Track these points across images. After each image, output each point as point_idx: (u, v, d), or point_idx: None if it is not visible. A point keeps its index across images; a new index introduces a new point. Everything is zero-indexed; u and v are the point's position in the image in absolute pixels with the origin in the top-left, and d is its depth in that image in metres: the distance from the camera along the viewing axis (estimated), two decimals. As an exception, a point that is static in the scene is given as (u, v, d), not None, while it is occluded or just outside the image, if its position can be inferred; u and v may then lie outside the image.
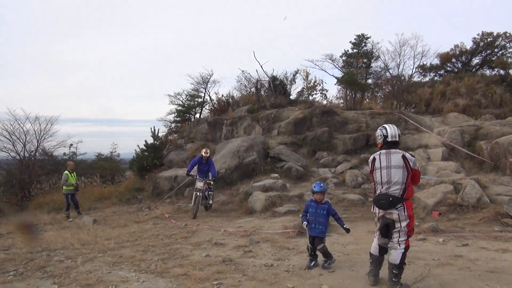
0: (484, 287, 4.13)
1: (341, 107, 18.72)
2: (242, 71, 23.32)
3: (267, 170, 12.81)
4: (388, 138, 4.32)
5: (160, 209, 11.38)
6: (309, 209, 5.16)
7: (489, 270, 4.70)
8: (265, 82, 21.48)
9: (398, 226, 4.09)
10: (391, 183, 4.13)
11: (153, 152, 17.17)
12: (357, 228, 7.68)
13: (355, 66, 21.78)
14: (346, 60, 22.53)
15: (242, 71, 23.19)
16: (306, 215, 5.18)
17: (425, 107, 17.55)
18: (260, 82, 21.25)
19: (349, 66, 22.15)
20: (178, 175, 13.91)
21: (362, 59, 21.66)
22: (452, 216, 7.74)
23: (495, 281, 4.31)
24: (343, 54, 22.59)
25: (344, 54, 22.55)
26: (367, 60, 21.97)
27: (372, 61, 22.23)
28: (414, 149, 12.95)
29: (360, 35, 22.32)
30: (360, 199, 9.96)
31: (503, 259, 5.17)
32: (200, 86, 22.83)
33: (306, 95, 21.21)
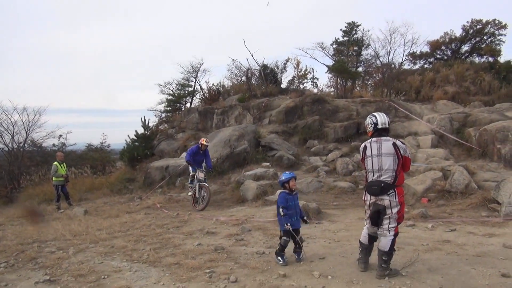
0: (471, 271, 4.22)
1: (331, 95, 18.74)
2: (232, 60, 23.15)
3: (258, 159, 12.83)
4: (378, 125, 4.34)
5: (152, 199, 11.37)
6: (289, 203, 4.82)
7: (476, 254, 4.80)
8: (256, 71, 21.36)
9: (389, 213, 4.14)
10: (382, 170, 4.16)
11: (144, 142, 17.07)
12: (348, 215, 7.77)
13: (345, 54, 21.77)
14: (336, 48, 22.48)
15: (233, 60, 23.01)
16: (287, 211, 4.77)
17: (415, 94, 17.66)
18: (250, 70, 21.13)
19: (340, 54, 22.12)
20: (170, 165, 13.87)
21: (352, 47, 21.64)
22: (441, 202, 7.86)
23: (482, 265, 4.40)
24: (334, 42, 22.55)
25: (335, 42, 22.50)
26: (357, 48, 21.97)
27: (363, 49, 22.24)
28: (404, 136, 13.06)
29: (350, 23, 22.27)
30: (351, 186, 10.05)
31: (490, 243, 5.28)
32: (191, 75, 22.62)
33: (297, 83, 21.18)
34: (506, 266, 4.32)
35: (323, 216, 7.63)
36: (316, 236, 6.14)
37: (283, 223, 4.76)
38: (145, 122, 17.43)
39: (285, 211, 4.76)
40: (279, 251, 4.82)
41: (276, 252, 4.87)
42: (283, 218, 4.76)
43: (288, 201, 4.84)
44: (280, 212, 4.75)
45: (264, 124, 16.10)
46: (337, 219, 7.49)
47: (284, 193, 4.89)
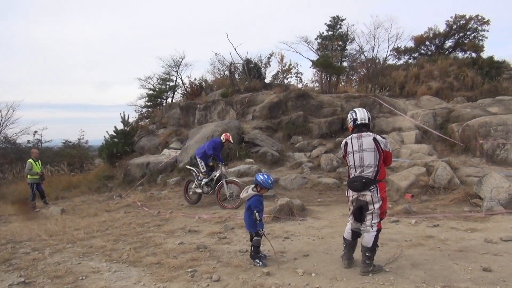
0: (454, 266, 4.33)
1: (316, 90, 18.84)
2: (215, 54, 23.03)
3: (242, 155, 12.83)
4: (358, 121, 4.40)
5: (132, 197, 11.26)
6: (261, 206, 4.82)
7: (458, 249, 4.93)
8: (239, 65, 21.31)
9: (372, 208, 4.20)
10: (364, 166, 4.21)
11: (124, 138, 16.87)
12: (332, 212, 7.86)
13: (330, 49, 21.89)
14: (321, 42, 22.58)
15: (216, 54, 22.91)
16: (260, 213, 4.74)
17: (399, 90, 17.91)
18: (234, 65, 21.07)
19: (324, 49, 22.23)
20: (150, 161, 13.75)
21: (337, 41, 21.77)
22: (424, 198, 8.02)
23: (463, 259, 4.52)
24: (318, 37, 22.63)
25: (319, 36, 22.59)
26: (342, 42, 22.10)
27: (347, 44, 22.38)
28: (388, 132, 13.24)
29: (335, 17, 22.36)
30: (335, 182, 10.16)
31: (472, 238, 5.43)
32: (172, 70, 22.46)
33: (281, 78, 21.23)
34: (487, 261, 4.45)
35: (307, 213, 7.69)
36: (300, 233, 6.19)
37: (259, 228, 4.74)
38: (124, 118, 17.21)
39: (261, 215, 4.73)
40: (255, 253, 4.77)
41: (252, 255, 4.79)
42: (259, 223, 4.73)
43: (261, 204, 4.81)
44: (257, 217, 4.69)
45: (247, 119, 16.10)
46: (321, 215, 7.56)
47: (258, 196, 4.83)
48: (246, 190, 4.94)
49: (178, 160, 13.39)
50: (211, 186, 9.50)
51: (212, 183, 9.48)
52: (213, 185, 9.47)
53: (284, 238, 5.95)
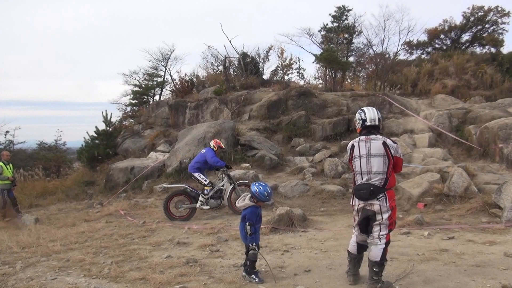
0: (470, 283, 4.34)
1: (319, 88, 18.89)
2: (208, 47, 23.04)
3: (237, 160, 12.82)
4: (367, 122, 4.40)
5: (114, 205, 11.21)
6: (257, 218, 4.78)
7: (475, 264, 4.94)
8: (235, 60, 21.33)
9: (379, 218, 4.19)
10: (371, 172, 4.21)
11: (106, 139, 16.82)
12: (337, 222, 7.86)
13: (335, 42, 21.99)
14: (325, 35, 22.68)
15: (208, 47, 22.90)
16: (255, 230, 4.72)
17: (411, 88, 17.99)
18: (228, 59, 21.08)
19: (329, 42, 22.32)
20: (135, 166, 13.72)
21: (343, 34, 21.86)
22: (438, 207, 8.04)
23: (481, 275, 4.53)
24: (322, 29, 22.73)
25: (323, 28, 22.68)
26: (348, 35, 22.20)
27: (354, 37, 22.50)
28: (399, 134, 13.29)
29: (340, 7, 22.48)
30: (340, 190, 10.17)
31: (490, 252, 5.44)
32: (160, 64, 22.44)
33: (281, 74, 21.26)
34: (507, 277, 4.45)
35: (309, 224, 7.69)
36: (301, 246, 6.18)
37: (249, 242, 4.71)
38: (106, 117, 17.17)
39: (253, 229, 4.69)
40: (250, 268, 4.74)
41: (247, 271, 4.76)
42: (249, 237, 4.71)
43: (257, 216, 4.78)
44: (247, 231, 4.67)
45: (243, 120, 16.10)
46: (324, 226, 7.56)
47: (254, 207, 4.78)
48: (243, 198, 4.93)
49: (166, 164, 13.37)
50: (220, 197, 9.47)
51: (220, 194, 9.48)
52: (222, 196, 9.48)
53: (284, 251, 5.94)
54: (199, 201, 9.18)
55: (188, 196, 9.34)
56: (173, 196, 9.33)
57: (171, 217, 9.04)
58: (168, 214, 9.10)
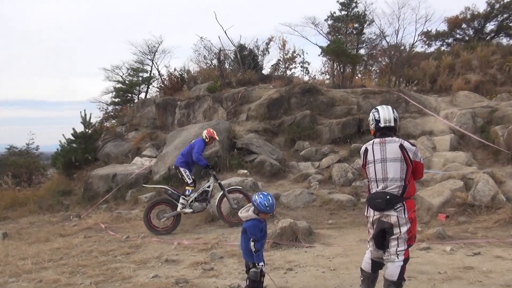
0: (499, 305, 4.30)
1: (326, 84, 18.90)
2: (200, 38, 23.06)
3: (233, 165, 12.79)
4: (381, 123, 4.38)
5: (94, 217, 11.18)
6: (261, 232, 4.69)
7: (505, 284, 4.91)
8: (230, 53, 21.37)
9: (397, 232, 4.17)
10: (387, 180, 4.20)
11: (84, 143, 16.77)
12: (347, 236, 7.84)
13: (343, 33, 22.01)
14: (332, 24, 22.71)
15: (201, 38, 22.91)
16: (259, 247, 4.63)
17: (430, 84, 17.99)
18: (223, 52, 21.10)
19: (336, 33, 22.35)
20: (118, 173, 13.69)
21: (352, 23, 21.89)
22: (462, 219, 8.02)
23: (512, 297, 4.50)
24: (329, 18, 22.75)
25: (330, 17, 22.70)
26: (358, 25, 22.23)
27: (365, 27, 22.54)
28: (416, 136, 13.27)
29: (350, -7, 22.52)
30: (351, 200, 10.13)
31: (522, 269, 5.41)
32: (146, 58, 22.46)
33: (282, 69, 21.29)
34: (541, 298, 4.42)
35: (316, 238, 7.66)
36: (307, 264, 6.15)
37: (257, 261, 4.58)
38: (85, 118, 17.12)
39: (258, 246, 4.59)
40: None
41: None
42: (256, 255, 4.59)
43: (261, 231, 4.70)
44: (252, 248, 4.56)
45: (240, 120, 16.08)
46: (333, 241, 7.53)
47: (257, 221, 4.69)
48: (247, 209, 4.85)
49: (153, 171, 13.34)
50: (206, 200, 9.48)
51: (206, 196, 9.49)
52: (208, 198, 9.50)
53: (287, 269, 5.91)
54: (179, 204, 9.18)
55: (170, 204, 9.37)
56: (153, 206, 9.36)
57: (154, 230, 9.07)
58: (150, 227, 9.13)
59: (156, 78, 22.50)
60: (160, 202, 9.55)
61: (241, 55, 20.69)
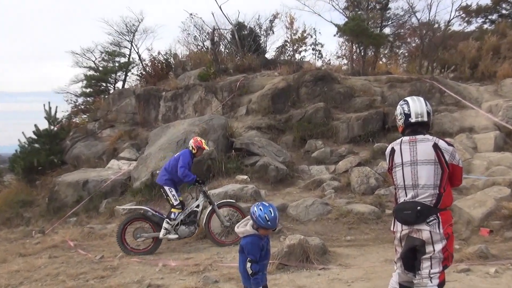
0: None
1: (344, 71, 18.91)
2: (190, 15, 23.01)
3: (230, 170, 12.77)
4: (411, 117, 4.38)
5: (61, 233, 11.18)
6: (262, 251, 4.64)
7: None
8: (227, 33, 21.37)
9: (430, 251, 4.16)
10: (418, 186, 4.19)
11: (49, 143, 16.78)
12: (369, 256, 7.82)
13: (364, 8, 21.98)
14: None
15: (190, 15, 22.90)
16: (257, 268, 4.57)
17: (469, 70, 17.96)
18: (218, 32, 21.11)
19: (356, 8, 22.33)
20: (90, 179, 13.68)
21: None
22: (509, 235, 8.00)
23: None
24: (347, -11, 22.75)
25: (348, -12, 22.71)
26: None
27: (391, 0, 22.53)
28: (453, 134, 13.26)
29: (372, -41, 22.53)
30: (373, 211, 10.12)
31: None
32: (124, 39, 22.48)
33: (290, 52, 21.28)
34: None
35: (331, 258, 7.65)
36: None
37: (254, 285, 4.56)
38: (50, 112, 17.13)
39: (255, 267, 4.54)
40: None
41: None
42: (253, 279, 4.56)
43: (261, 249, 4.62)
44: (248, 270, 4.53)
45: (239, 115, 16.08)
46: (352, 262, 7.52)
47: (256, 237, 4.63)
48: (244, 223, 4.80)
49: (133, 176, 13.34)
50: (194, 222, 9.36)
51: (194, 218, 9.37)
52: (197, 220, 9.41)
53: (296, 296, 5.90)
54: (162, 229, 9.03)
55: (150, 222, 9.27)
56: (131, 221, 9.29)
57: (130, 252, 9.00)
58: (126, 248, 9.05)
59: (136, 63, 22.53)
60: (138, 217, 9.44)
61: (239, 35, 20.68)
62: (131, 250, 9.05)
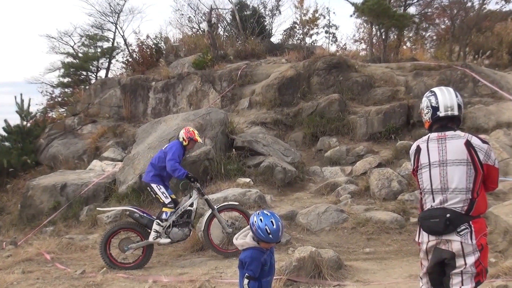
0: None
1: (362, 57, 18.91)
2: (183, -7, 23.05)
3: (231, 172, 12.80)
4: (440, 111, 4.36)
5: (36, 245, 11.22)
6: (264, 267, 4.61)
7: None
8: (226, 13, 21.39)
9: (461, 265, 4.16)
10: (448, 190, 4.19)
11: (21, 141, 16.81)
12: (391, 271, 7.84)
13: (386, -16, 21.98)
14: (370, -28, 22.68)
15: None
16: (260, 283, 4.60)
17: (508, 55, 17.95)
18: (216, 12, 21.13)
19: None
20: (68, 182, 13.70)
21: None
22: (553, 246, 8.01)
23: None
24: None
25: (367, -39, 22.70)
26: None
27: (416, -25, 22.50)
28: (489, 130, 13.25)
29: None
30: (396, 219, 10.13)
31: None
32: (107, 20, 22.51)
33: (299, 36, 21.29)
34: None
35: (347, 273, 7.67)
36: (334, 309, 6.18)
37: None
38: (22, 105, 17.18)
39: (253, 285, 4.55)
40: None
41: None
42: None
43: (263, 263, 4.61)
44: (245, 287, 4.53)
45: (241, 108, 16.10)
46: (371, 277, 7.55)
47: (257, 250, 4.63)
48: (244, 234, 4.79)
49: (118, 179, 13.36)
50: (188, 223, 9.34)
51: (188, 218, 9.34)
52: (191, 221, 9.38)
53: (306, 317, 5.93)
54: (152, 232, 8.95)
55: (138, 231, 9.21)
56: (114, 234, 9.19)
57: (116, 266, 8.95)
58: (111, 262, 8.98)
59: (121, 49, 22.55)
60: (123, 227, 9.40)
61: (240, 16, 20.70)
62: (119, 264, 8.98)
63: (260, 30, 20.94)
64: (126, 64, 21.76)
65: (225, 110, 15.49)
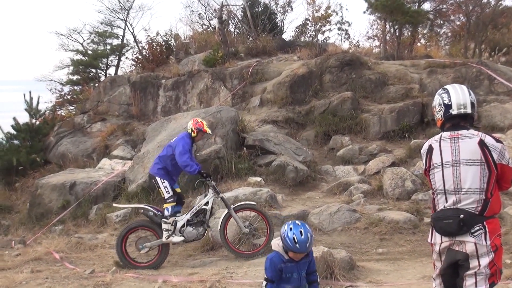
0: None
1: (375, 54, 18.87)
2: (194, -10, 23.08)
3: (241, 171, 12.80)
4: (453, 109, 4.34)
5: (45, 244, 11.26)
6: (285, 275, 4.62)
7: None
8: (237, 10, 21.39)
9: (475, 266, 4.15)
10: (461, 191, 4.17)
11: (30, 139, 16.87)
12: (404, 272, 7.83)
13: (399, -20, 21.91)
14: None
15: (194, -11, 22.95)
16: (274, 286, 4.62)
17: (525, 53, 17.87)
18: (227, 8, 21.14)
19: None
20: (78, 181, 13.74)
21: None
22: None
23: None
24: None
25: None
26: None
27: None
28: (504, 129, 13.19)
29: None
30: (410, 219, 10.11)
31: None
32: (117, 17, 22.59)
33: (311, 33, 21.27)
34: None
35: (360, 274, 7.67)
36: (346, 310, 6.18)
37: None
38: (31, 103, 17.25)
39: (270, 287, 4.59)
40: None
41: None
42: None
43: (283, 272, 4.62)
44: None
45: (252, 106, 16.10)
46: (384, 278, 7.54)
47: (277, 255, 4.66)
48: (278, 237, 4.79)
49: (128, 178, 13.40)
50: (203, 222, 9.27)
51: (203, 218, 9.26)
52: (206, 220, 9.28)
53: (318, 318, 5.93)
54: (163, 231, 8.87)
55: (152, 229, 9.17)
56: (129, 232, 9.18)
57: (133, 266, 8.94)
58: (127, 261, 8.98)
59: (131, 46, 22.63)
60: (138, 226, 9.38)
61: (252, 12, 20.69)
62: (135, 264, 8.99)
63: (271, 27, 20.93)
64: (136, 62, 21.79)
65: (236, 108, 15.50)
